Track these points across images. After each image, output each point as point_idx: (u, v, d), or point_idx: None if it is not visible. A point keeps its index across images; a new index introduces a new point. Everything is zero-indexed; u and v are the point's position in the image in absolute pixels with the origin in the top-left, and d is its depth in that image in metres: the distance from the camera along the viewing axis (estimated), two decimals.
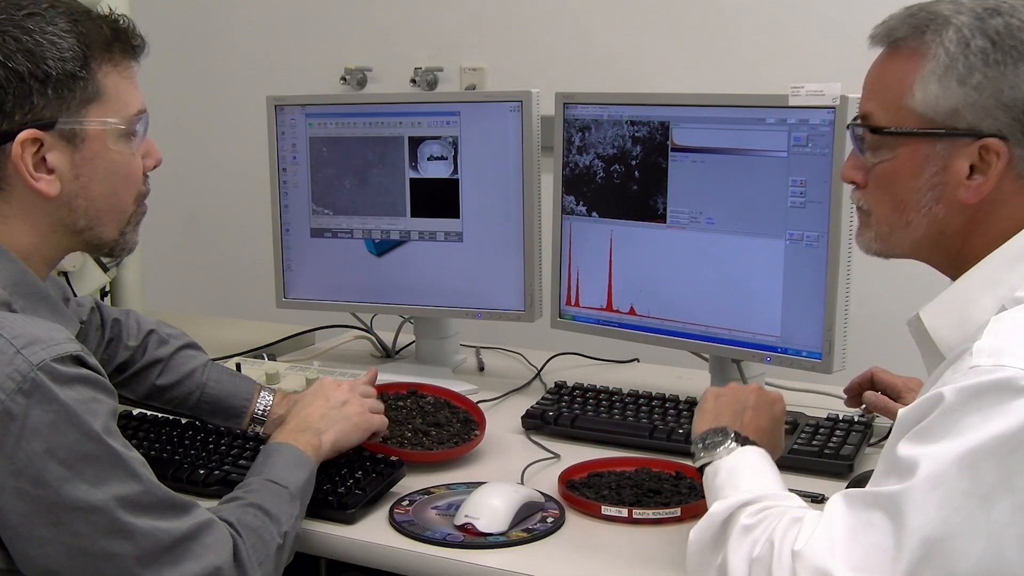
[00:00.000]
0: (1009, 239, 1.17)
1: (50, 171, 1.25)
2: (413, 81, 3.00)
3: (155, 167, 1.37)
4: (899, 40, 1.20)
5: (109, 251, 1.36)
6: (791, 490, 1.54)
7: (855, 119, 1.26)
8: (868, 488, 1.08)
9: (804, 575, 1.06)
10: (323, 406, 1.56)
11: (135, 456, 1.20)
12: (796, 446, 1.67)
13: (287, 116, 2.17)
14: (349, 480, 1.55)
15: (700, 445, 1.32)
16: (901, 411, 1.11)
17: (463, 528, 1.46)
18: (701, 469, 1.31)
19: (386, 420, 1.64)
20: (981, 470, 1.01)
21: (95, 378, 1.17)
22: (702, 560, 1.20)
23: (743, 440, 1.31)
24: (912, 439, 1.06)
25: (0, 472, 1.12)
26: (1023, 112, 1.14)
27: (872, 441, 1.72)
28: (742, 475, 1.25)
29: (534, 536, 1.46)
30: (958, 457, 1.02)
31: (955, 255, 1.22)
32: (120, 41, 1.29)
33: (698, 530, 1.21)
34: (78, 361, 1.16)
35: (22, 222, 1.26)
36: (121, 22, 1.30)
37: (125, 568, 1.17)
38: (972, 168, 1.17)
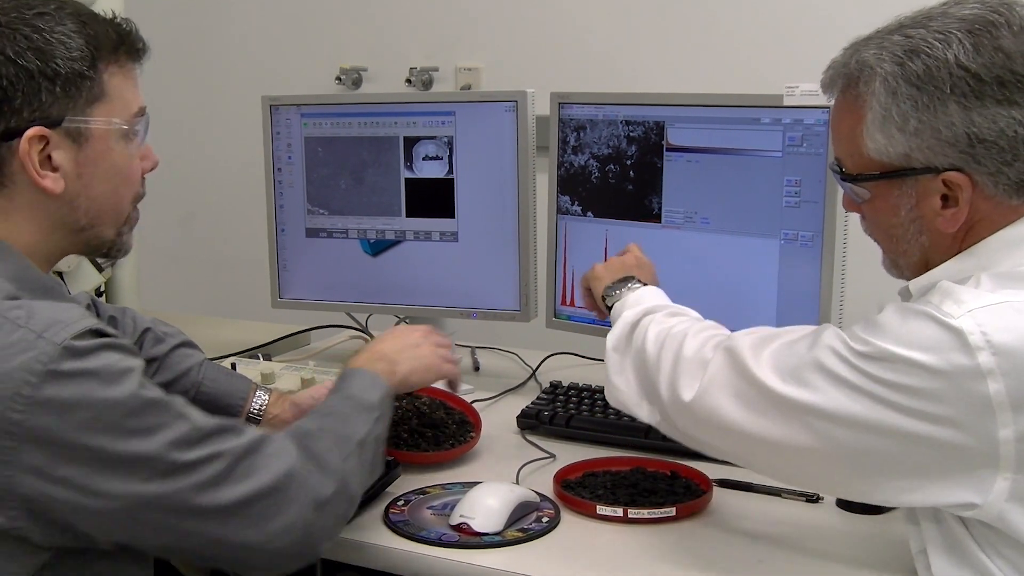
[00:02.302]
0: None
1: (54, 169, 1.26)
2: (408, 81, 3.00)
3: (151, 169, 1.39)
4: (839, 92, 1.24)
5: (106, 251, 1.37)
6: (785, 492, 1.58)
7: (832, 163, 1.30)
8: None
9: (721, 346, 1.30)
10: (398, 343, 1.57)
11: (175, 398, 1.21)
12: None
13: (282, 116, 2.18)
14: None
15: (610, 295, 1.57)
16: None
17: (458, 528, 1.47)
18: (610, 309, 1.55)
19: (457, 371, 1.65)
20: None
21: (118, 343, 1.18)
22: (620, 359, 1.45)
23: (644, 283, 1.57)
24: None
25: (51, 452, 1.13)
26: (968, 146, 1.15)
27: None
28: (647, 299, 1.52)
29: (529, 536, 1.46)
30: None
31: None
32: (125, 44, 1.31)
33: (612, 335, 1.48)
34: (97, 333, 1.18)
35: (26, 219, 1.27)
36: (125, 26, 1.32)
37: (188, 500, 1.17)
38: (945, 197, 1.19)
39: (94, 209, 1.30)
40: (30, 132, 1.22)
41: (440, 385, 1.66)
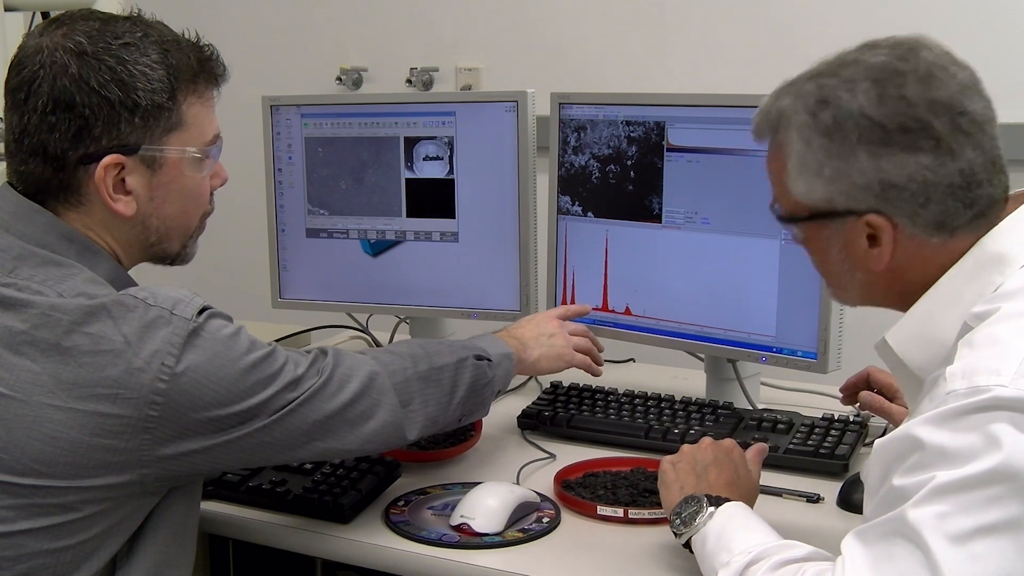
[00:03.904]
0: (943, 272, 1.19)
1: (127, 192, 1.31)
2: (409, 81, 3.00)
3: (220, 186, 1.44)
4: (764, 139, 1.26)
5: (171, 261, 1.44)
6: (786, 492, 1.58)
7: (771, 203, 1.31)
8: (875, 520, 1.09)
9: None
10: (534, 330, 1.73)
11: (273, 344, 1.33)
12: (791, 446, 1.68)
13: (283, 116, 2.18)
14: (344, 480, 1.56)
15: (678, 520, 1.32)
16: (877, 442, 1.13)
17: (459, 528, 1.47)
18: (688, 544, 1.31)
19: (588, 360, 1.79)
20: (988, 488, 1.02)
21: (219, 311, 1.30)
22: None
23: (717, 501, 1.31)
24: (905, 473, 1.07)
25: (187, 417, 1.23)
26: (881, 191, 1.16)
27: (867, 441, 1.73)
28: (732, 535, 1.26)
29: (530, 536, 1.47)
30: (963, 477, 1.02)
31: (899, 300, 1.24)
32: (205, 72, 1.36)
33: None
34: (207, 307, 1.29)
35: (101, 235, 1.33)
36: (206, 51, 1.37)
37: (299, 426, 1.32)
38: (871, 237, 1.20)
39: (164, 228, 1.37)
40: (107, 159, 1.28)
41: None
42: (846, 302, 1.33)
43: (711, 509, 1.30)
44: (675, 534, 1.33)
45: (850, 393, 1.77)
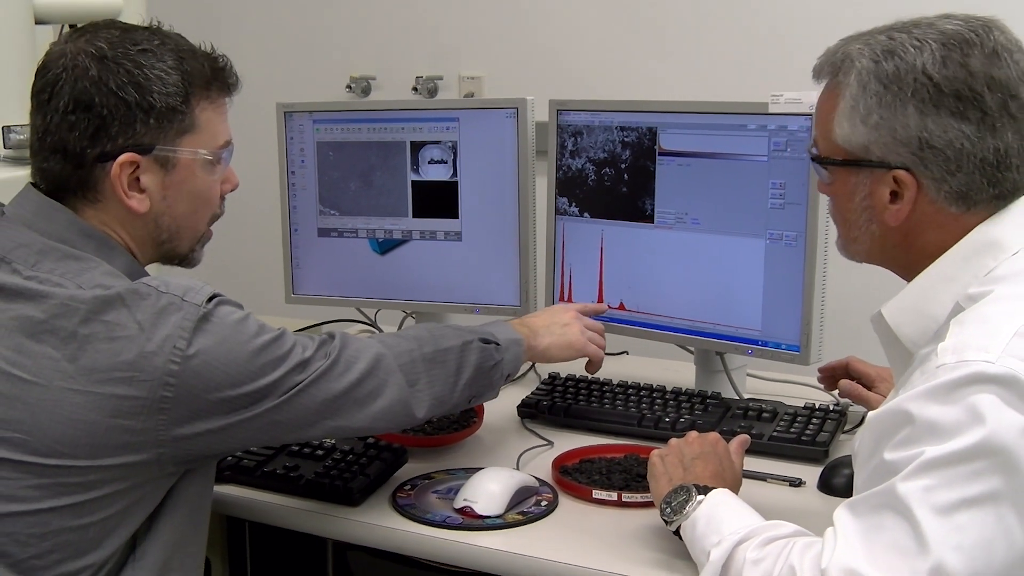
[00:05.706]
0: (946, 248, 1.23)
1: (141, 190, 1.36)
2: (415, 89, 3.02)
3: (231, 191, 1.48)
4: (824, 78, 1.30)
5: (179, 263, 1.47)
6: (770, 477, 1.62)
7: (810, 144, 1.35)
8: (865, 493, 1.12)
9: None
10: (546, 319, 1.72)
11: (283, 329, 1.36)
12: (775, 433, 1.72)
13: (296, 122, 2.21)
14: (354, 466, 1.60)
15: (668, 509, 1.35)
16: (870, 415, 1.17)
17: (462, 511, 1.51)
18: (677, 532, 1.34)
19: (601, 353, 1.76)
20: (974, 462, 1.06)
21: (228, 298, 1.33)
22: None
23: (704, 489, 1.34)
24: (895, 447, 1.11)
25: (200, 398, 1.27)
26: (918, 148, 1.20)
27: (846, 428, 1.77)
28: (721, 518, 1.29)
29: (529, 519, 1.51)
30: (948, 453, 1.07)
31: (904, 263, 1.29)
32: (218, 80, 1.40)
33: None
34: (217, 294, 1.32)
35: (116, 231, 1.38)
36: (220, 61, 1.41)
37: (308, 406, 1.35)
38: (894, 194, 1.24)
39: (175, 227, 1.41)
40: (122, 158, 1.33)
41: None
42: (854, 254, 1.34)
43: (700, 497, 1.33)
44: (666, 522, 1.36)
45: (828, 376, 1.81)
